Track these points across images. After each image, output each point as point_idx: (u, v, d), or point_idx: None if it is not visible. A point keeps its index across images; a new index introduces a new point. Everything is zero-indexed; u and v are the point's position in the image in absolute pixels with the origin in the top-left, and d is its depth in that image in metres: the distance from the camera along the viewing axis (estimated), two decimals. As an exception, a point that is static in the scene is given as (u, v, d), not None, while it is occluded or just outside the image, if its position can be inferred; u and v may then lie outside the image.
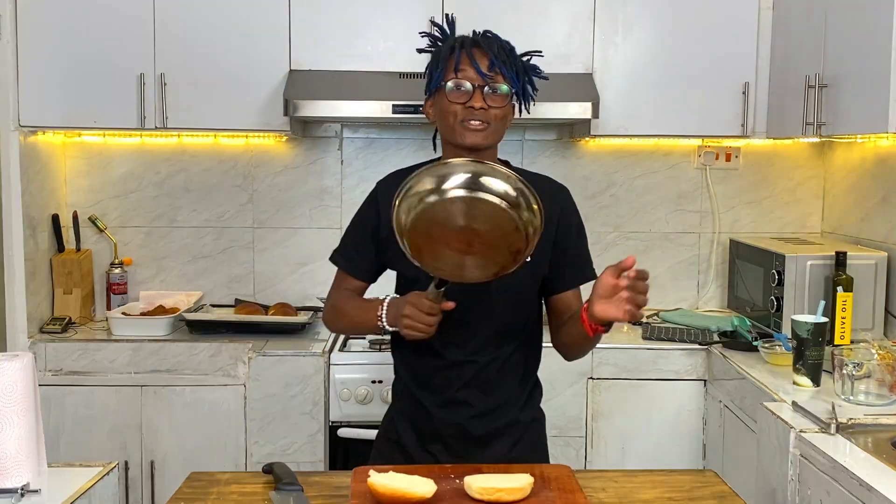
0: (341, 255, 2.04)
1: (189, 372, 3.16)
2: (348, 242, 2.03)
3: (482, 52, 1.85)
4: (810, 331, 2.41)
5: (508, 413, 1.94)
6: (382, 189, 1.96)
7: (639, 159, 3.71)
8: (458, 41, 1.88)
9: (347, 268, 2.02)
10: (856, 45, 2.71)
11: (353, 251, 2.01)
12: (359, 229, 2.01)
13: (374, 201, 1.98)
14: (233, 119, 3.31)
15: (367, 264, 2.00)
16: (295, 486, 1.63)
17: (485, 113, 1.83)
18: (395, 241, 1.77)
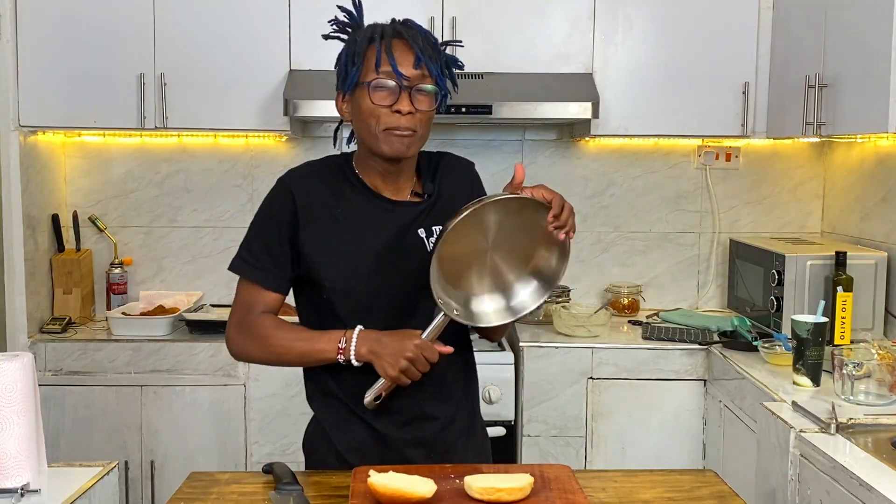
0: (253, 266, 1.76)
1: (189, 372, 3.16)
2: (257, 248, 1.76)
3: (406, 47, 1.66)
4: (810, 331, 2.41)
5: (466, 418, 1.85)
6: (298, 187, 1.75)
7: (639, 159, 3.71)
8: (378, 31, 1.68)
9: (262, 280, 1.75)
10: (856, 45, 2.71)
11: (267, 260, 1.74)
12: (272, 231, 1.75)
13: (288, 198, 1.74)
14: (233, 119, 3.31)
15: (284, 273, 1.75)
16: (295, 486, 1.63)
17: (411, 118, 1.66)
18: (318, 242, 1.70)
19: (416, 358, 1.63)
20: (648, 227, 3.73)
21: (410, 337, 1.65)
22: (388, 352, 1.65)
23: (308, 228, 1.73)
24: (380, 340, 1.66)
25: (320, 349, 1.69)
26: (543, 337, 3.20)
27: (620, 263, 3.74)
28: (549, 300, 3.42)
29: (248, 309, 1.78)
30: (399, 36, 1.67)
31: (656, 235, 3.74)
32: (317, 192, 1.75)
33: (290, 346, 1.72)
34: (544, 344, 3.13)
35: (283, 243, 1.74)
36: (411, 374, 1.65)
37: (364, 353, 1.67)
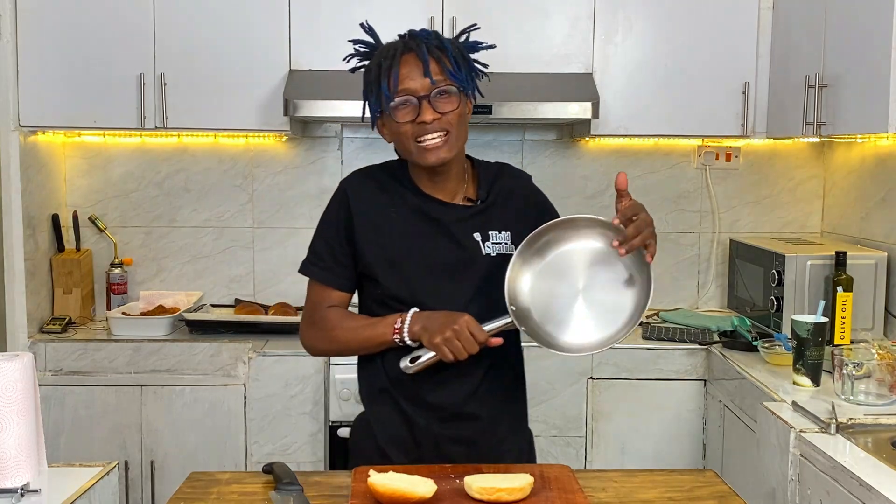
0: (317, 266, 1.84)
1: (189, 372, 3.16)
2: (321, 249, 1.84)
3: (414, 58, 1.70)
4: (810, 331, 2.41)
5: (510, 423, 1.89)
6: (353, 189, 1.83)
7: (639, 159, 3.71)
8: (384, 53, 1.73)
9: (327, 279, 1.83)
10: (856, 45, 2.71)
11: (330, 259, 1.83)
12: (332, 233, 1.83)
13: (344, 202, 1.83)
14: (233, 119, 3.31)
15: (349, 272, 1.83)
16: (295, 486, 1.63)
17: (439, 122, 1.70)
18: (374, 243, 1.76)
19: (460, 331, 1.65)
20: (648, 227, 3.73)
21: (461, 314, 1.68)
22: (436, 325, 1.68)
23: (363, 230, 1.80)
24: (430, 317, 1.71)
25: (380, 332, 1.75)
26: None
27: (620, 263, 3.74)
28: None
29: (316, 306, 1.85)
30: (405, 51, 1.71)
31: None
32: (371, 194, 1.82)
33: (354, 334, 1.79)
34: (544, 344, 3.12)
35: (342, 244, 1.81)
36: (454, 346, 1.66)
37: (416, 331, 1.71)
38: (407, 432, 1.82)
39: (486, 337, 1.68)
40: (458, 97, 1.72)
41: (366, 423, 1.89)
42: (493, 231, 1.81)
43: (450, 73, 1.70)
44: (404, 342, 1.73)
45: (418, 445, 1.81)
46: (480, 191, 1.83)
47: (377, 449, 1.84)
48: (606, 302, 1.72)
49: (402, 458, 1.80)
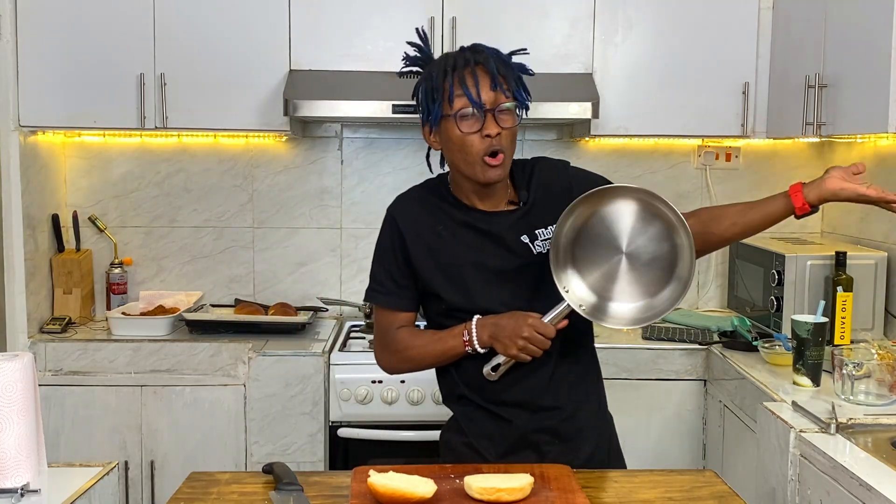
0: (379, 293, 1.91)
1: (189, 372, 3.16)
2: (381, 276, 1.90)
3: (482, 71, 1.75)
4: (810, 331, 2.41)
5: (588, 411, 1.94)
6: (399, 213, 1.89)
7: (639, 159, 3.71)
8: (451, 63, 1.76)
9: (391, 303, 1.90)
10: (856, 45, 2.71)
11: (391, 284, 1.89)
12: (389, 258, 1.89)
13: (394, 226, 1.88)
14: (233, 119, 3.31)
15: (411, 293, 1.89)
16: (295, 486, 1.63)
17: (500, 139, 1.75)
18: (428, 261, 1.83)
19: (531, 336, 1.73)
20: (648, 227, 3.73)
21: (525, 317, 1.75)
22: (505, 333, 1.75)
23: (417, 251, 1.86)
24: (497, 324, 1.78)
25: (451, 346, 1.83)
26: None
27: (620, 263, 3.74)
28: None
29: (385, 330, 1.92)
30: (471, 63, 1.75)
31: (656, 235, 3.73)
32: (417, 215, 1.88)
33: (425, 351, 1.87)
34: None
35: (401, 267, 1.87)
36: (530, 350, 1.75)
37: (486, 339, 1.79)
38: (494, 427, 1.88)
39: (553, 330, 1.75)
40: (514, 115, 1.79)
41: (455, 422, 1.95)
42: (540, 229, 1.85)
43: (515, 91, 1.77)
44: (476, 351, 1.80)
45: (505, 438, 1.87)
46: (521, 192, 1.88)
47: (467, 444, 1.89)
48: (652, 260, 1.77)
49: (492, 451, 1.86)
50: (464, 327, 1.81)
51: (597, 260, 1.78)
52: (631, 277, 1.78)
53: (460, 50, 1.79)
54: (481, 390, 1.87)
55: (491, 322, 1.78)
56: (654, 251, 1.76)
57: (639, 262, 1.77)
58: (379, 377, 3.04)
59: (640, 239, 1.77)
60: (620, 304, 1.78)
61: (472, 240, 1.84)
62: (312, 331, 3.40)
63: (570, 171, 1.96)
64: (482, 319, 1.80)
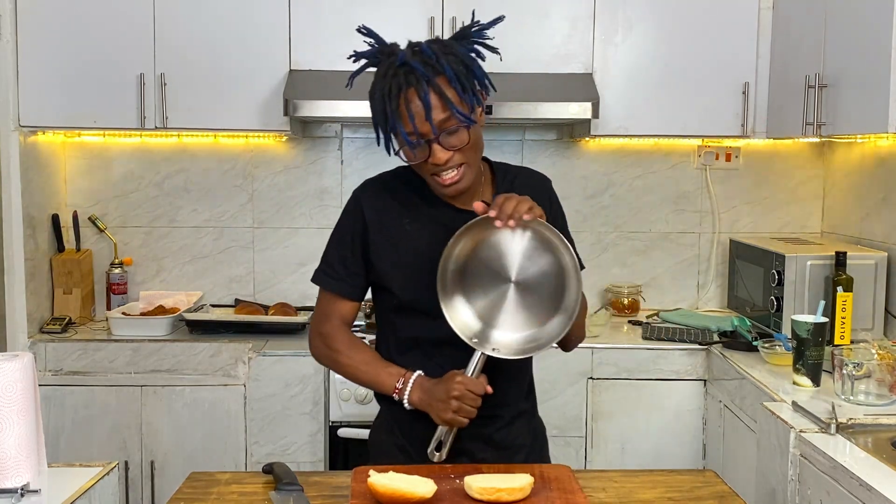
0: (329, 276, 1.85)
1: (189, 372, 3.16)
2: (333, 259, 1.85)
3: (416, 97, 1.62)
4: (810, 331, 2.41)
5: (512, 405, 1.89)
6: (367, 200, 1.82)
7: (639, 159, 3.71)
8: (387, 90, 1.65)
9: (339, 289, 1.84)
10: (856, 45, 2.71)
11: (342, 270, 1.83)
12: (346, 243, 1.83)
13: (358, 212, 1.82)
14: (233, 119, 3.31)
15: (360, 281, 1.84)
16: (295, 486, 1.63)
17: (452, 159, 1.67)
18: (388, 254, 1.76)
19: (462, 394, 1.67)
20: (648, 227, 3.73)
21: (453, 377, 1.70)
22: (436, 399, 1.70)
23: (377, 239, 1.79)
24: (430, 390, 1.72)
25: (380, 382, 1.79)
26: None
27: (620, 263, 3.74)
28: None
29: (325, 317, 1.86)
30: (404, 88, 1.62)
31: (656, 235, 3.74)
32: (386, 204, 1.82)
33: (356, 369, 1.82)
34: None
35: (356, 253, 1.81)
36: (464, 412, 1.68)
37: (415, 401, 1.74)
38: (429, 432, 1.81)
39: (482, 385, 1.70)
40: (466, 129, 1.67)
41: (385, 421, 1.90)
42: None
43: (455, 111, 1.63)
44: (402, 404, 1.75)
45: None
46: (496, 195, 1.78)
47: (399, 447, 1.85)
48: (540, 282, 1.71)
49: (424, 454, 1.78)
50: (401, 374, 1.76)
51: (485, 287, 1.72)
52: (518, 307, 1.72)
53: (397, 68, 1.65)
54: None
55: (427, 386, 1.73)
56: (543, 281, 1.71)
57: (527, 292, 1.71)
58: (379, 377, 3.03)
59: (530, 268, 1.70)
60: (505, 332, 1.73)
61: (438, 238, 1.74)
62: (312, 331, 3.40)
63: (551, 188, 1.92)
64: (421, 379, 1.74)
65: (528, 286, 1.71)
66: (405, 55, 1.66)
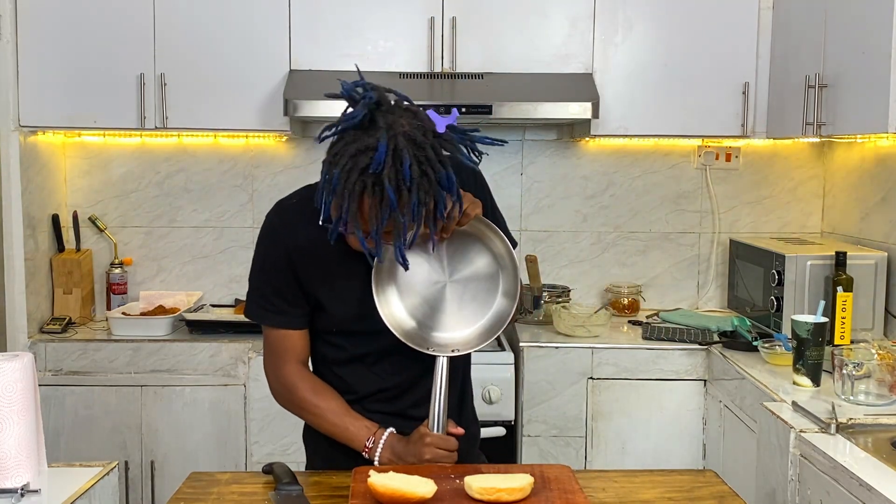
0: (271, 312, 1.74)
1: (189, 372, 3.16)
2: (270, 293, 1.73)
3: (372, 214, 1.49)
4: (810, 331, 2.41)
5: None
6: (283, 224, 1.72)
7: (639, 159, 3.71)
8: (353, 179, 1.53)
9: (284, 323, 1.74)
10: (856, 45, 2.71)
11: (282, 302, 1.73)
12: (275, 274, 1.72)
13: (277, 239, 1.71)
14: (233, 119, 3.31)
15: (302, 309, 1.74)
16: (295, 486, 1.63)
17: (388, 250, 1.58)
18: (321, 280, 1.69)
19: (434, 456, 1.67)
20: (648, 227, 3.73)
21: (421, 438, 1.68)
22: (409, 461, 1.68)
23: (305, 268, 1.72)
24: (400, 454, 1.70)
25: (348, 437, 1.74)
26: (543, 337, 3.20)
27: (620, 263, 3.74)
28: (550, 300, 3.42)
29: (279, 356, 1.79)
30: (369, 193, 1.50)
31: (656, 235, 3.74)
32: (302, 229, 1.70)
33: (322, 418, 1.78)
34: (544, 344, 3.13)
35: (290, 283, 1.73)
36: (443, 460, 1.68)
37: (385, 461, 1.71)
38: None
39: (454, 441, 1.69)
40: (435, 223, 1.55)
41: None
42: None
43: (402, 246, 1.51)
44: (372, 462, 1.71)
45: None
46: None
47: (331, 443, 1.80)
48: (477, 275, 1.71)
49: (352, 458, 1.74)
50: (372, 432, 1.72)
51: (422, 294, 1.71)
52: (461, 304, 1.71)
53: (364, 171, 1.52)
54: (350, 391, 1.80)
55: (399, 447, 1.70)
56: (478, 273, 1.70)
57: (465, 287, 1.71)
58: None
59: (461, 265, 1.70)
60: (456, 332, 1.71)
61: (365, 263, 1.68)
62: (312, 331, 3.40)
63: (480, 180, 1.83)
64: (392, 437, 1.71)
65: (464, 281, 1.71)
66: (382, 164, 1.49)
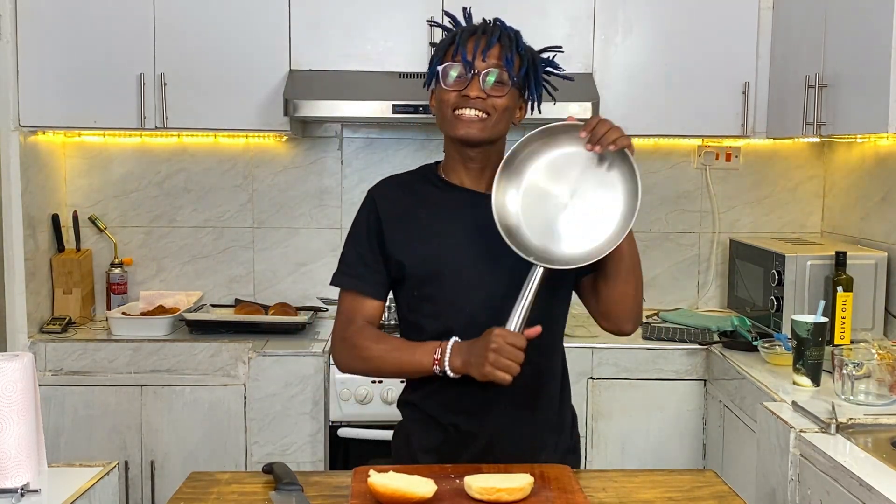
0: (349, 276, 1.79)
1: (189, 372, 3.16)
2: (352, 259, 1.80)
3: (482, 38, 1.72)
4: (810, 331, 2.41)
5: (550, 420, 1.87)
6: (380, 195, 1.81)
7: (639, 159, 3.68)
8: (460, 29, 1.77)
9: (361, 288, 1.78)
10: (856, 45, 2.71)
11: (361, 267, 1.78)
12: (362, 240, 1.79)
13: (372, 208, 1.80)
14: (233, 119, 3.31)
15: (381, 278, 1.78)
16: (295, 486, 1.63)
17: (482, 102, 1.70)
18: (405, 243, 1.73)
19: (500, 347, 1.59)
20: (648, 227, 3.73)
21: (491, 331, 1.63)
22: (475, 354, 1.63)
23: (393, 234, 1.77)
24: (468, 349, 1.66)
25: (417, 360, 1.70)
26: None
27: (620, 263, 3.74)
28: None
29: (349, 320, 1.79)
30: (476, 31, 1.73)
31: (656, 235, 3.74)
32: (399, 198, 1.80)
33: (388, 356, 1.74)
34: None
35: (374, 250, 1.77)
36: (502, 365, 1.60)
37: (458, 366, 1.66)
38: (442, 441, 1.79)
39: (523, 339, 1.62)
40: (506, 88, 1.71)
41: (404, 430, 1.87)
42: None
43: (507, 63, 1.70)
44: (445, 373, 1.68)
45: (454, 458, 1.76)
46: None
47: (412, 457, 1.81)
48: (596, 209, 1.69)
49: None
50: (437, 345, 1.68)
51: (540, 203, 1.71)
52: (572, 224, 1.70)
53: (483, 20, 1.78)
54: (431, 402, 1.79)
55: (465, 347, 1.66)
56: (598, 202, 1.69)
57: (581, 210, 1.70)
58: (379, 377, 3.04)
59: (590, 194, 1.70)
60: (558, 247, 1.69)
61: (451, 226, 1.76)
62: (312, 331, 3.40)
63: None
64: (458, 343, 1.68)
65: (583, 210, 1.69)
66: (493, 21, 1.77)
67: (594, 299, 1.79)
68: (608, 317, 1.79)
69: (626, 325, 1.79)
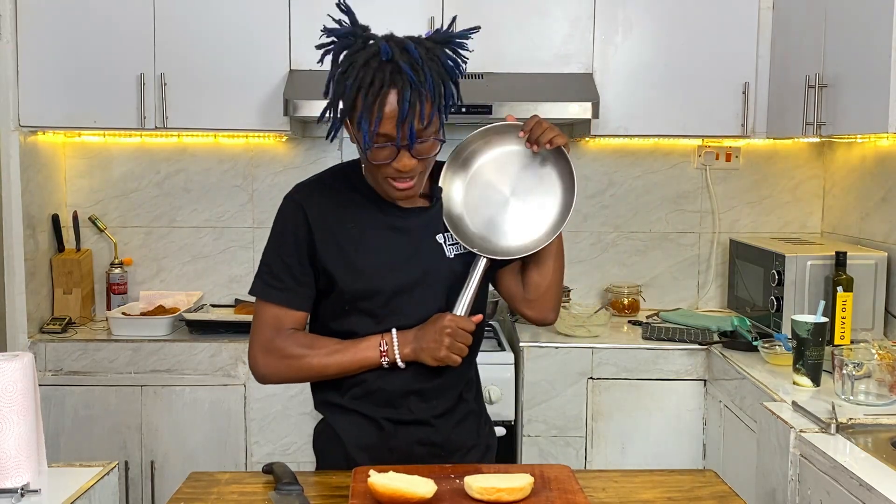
0: (276, 289, 1.71)
1: (189, 372, 3.16)
2: (279, 270, 1.70)
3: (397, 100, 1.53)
4: (810, 331, 2.41)
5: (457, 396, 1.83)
6: (308, 203, 1.71)
7: (639, 159, 3.71)
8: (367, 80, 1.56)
9: (290, 301, 1.71)
10: (856, 45, 2.71)
11: (289, 279, 1.70)
12: (290, 250, 1.70)
13: (300, 216, 1.69)
14: (233, 119, 3.31)
15: (310, 292, 1.72)
16: (295, 486, 1.63)
17: (416, 165, 1.61)
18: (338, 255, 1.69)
19: (454, 331, 1.66)
20: (648, 227, 3.73)
21: (441, 316, 1.69)
22: (427, 340, 1.68)
23: (324, 242, 1.70)
24: (418, 336, 1.70)
25: (361, 358, 1.70)
26: (543, 337, 3.20)
27: (620, 263, 3.75)
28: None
29: (275, 331, 1.73)
30: (386, 85, 1.54)
31: (656, 235, 3.74)
32: (326, 204, 1.72)
33: (329, 360, 1.71)
34: (544, 344, 3.13)
35: (303, 262, 1.71)
36: (456, 348, 1.68)
37: (408, 353, 1.70)
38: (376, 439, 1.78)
39: (472, 323, 1.70)
40: (436, 141, 1.63)
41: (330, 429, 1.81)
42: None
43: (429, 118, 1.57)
44: (395, 364, 1.70)
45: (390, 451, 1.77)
46: (435, 186, 1.77)
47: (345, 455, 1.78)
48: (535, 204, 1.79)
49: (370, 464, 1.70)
50: (380, 337, 1.69)
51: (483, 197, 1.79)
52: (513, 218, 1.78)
53: (383, 62, 1.57)
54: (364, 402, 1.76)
55: (412, 336, 1.68)
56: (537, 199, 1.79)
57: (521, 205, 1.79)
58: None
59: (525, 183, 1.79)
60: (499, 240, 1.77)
61: (385, 241, 1.71)
62: (312, 331, 3.40)
63: None
64: (404, 333, 1.69)
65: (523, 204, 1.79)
66: (391, 51, 1.57)
67: (519, 290, 1.85)
68: (535, 306, 1.85)
69: (550, 313, 1.86)
